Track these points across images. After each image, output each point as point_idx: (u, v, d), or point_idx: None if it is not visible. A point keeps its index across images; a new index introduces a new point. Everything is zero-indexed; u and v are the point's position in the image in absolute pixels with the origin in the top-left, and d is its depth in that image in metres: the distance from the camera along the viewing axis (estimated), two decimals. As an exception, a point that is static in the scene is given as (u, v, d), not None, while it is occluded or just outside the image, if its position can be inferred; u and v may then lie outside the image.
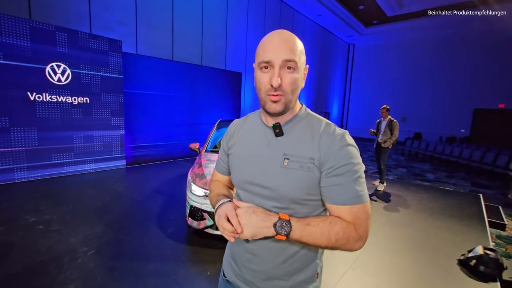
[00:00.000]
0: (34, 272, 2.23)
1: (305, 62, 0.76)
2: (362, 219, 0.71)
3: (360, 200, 0.71)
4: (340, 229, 0.69)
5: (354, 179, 0.71)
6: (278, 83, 0.70)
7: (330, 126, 0.77)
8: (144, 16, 6.86)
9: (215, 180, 1.02)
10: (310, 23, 14.03)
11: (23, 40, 4.49)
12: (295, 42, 0.73)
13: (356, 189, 0.71)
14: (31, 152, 4.79)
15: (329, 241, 0.69)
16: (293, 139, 0.77)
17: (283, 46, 0.70)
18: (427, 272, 2.53)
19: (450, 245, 3.09)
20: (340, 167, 0.71)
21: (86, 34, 5.27)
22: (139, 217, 3.44)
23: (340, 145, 0.72)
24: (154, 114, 6.99)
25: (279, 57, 0.69)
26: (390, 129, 5.16)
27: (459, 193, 5.45)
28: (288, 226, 0.69)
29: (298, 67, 0.72)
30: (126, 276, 2.25)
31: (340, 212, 0.72)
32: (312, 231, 0.69)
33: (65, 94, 5.08)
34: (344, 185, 0.71)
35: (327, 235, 0.69)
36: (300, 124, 0.79)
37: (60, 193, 4.19)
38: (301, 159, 0.73)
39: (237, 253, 0.87)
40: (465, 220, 3.92)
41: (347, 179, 0.71)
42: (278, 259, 0.79)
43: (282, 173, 0.75)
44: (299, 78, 0.74)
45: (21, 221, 3.16)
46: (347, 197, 0.71)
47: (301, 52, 0.73)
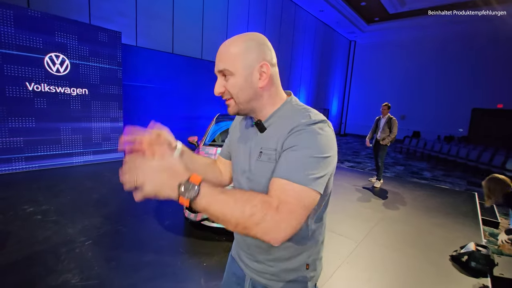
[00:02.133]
0: (32, 262, 2.26)
1: (255, 60, 0.73)
2: (292, 197, 0.61)
3: (296, 178, 0.62)
4: (259, 201, 0.59)
5: (297, 157, 0.65)
6: (217, 91, 0.77)
7: (305, 115, 0.73)
8: (144, 7, 6.79)
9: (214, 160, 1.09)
10: (311, 19, 13.94)
11: (21, 29, 4.44)
12: (230, 48, 0.73)
13: (295, 165, 0.64)
14: (29, 142, 4.78)
15: (242, 214, 0.57)
16: (270, 133, 0.78)
17: (218, 56, 0.75)
18: (420, 267, 2.58)
19: (443, 242, 3.14)
20: (290, 147, 0.67)
21: (85, 25, 5.22)
22: (137, 209, 3.46)
23: (299, 129, 0.69)
24: (153, 107, 6.97)
25: (216, 68, 0.76)
26: (388, 127, 5.18)
27: (454, 192, 5.50)
28: (195, 190, 0.56)
29: (234, 72, 0.73)
30: (124, 267, 2.27)
31: (271, 183, 0.65)
32: (224, 199, 0.58)
33: (64, 85, 5.05)
34: (285, 160, 0.66)
35: (241, 206, 0.58)
36: (281, 117, 0.78)
37: (58, 184, 4.19)
38: (269, 151, 0.75)
39: (240, 238, 0.92)
40: (460, 217, 3.97)
41: (290, 156, 0.66)
42: (261, 244, 0.82)
43: (257, 166, 0.79)
44: (240, 81, 0.73)
45: (18, 211, 3.18)
46: (283, 170, 0.65)
47: (236, 56, 0.72)
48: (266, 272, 0.85)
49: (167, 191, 0.57)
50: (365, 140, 5.72)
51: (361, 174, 6.57)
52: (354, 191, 4.98)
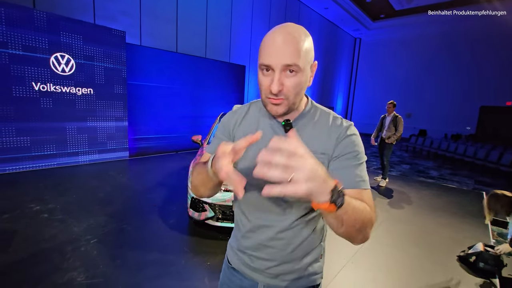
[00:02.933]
0: (38, 259, 2.28)
1: (313, 58, 0.72)
2: (371, 205, 0.69)
3: (366, 185, 0.72)
4: (367, 209, 0.64)
5: (358, 165, 0.72)
6: (278, 89, 0.66)
7: (337, 119, 0.79)
8: (148, 7, 6.81)
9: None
10: (316, 16, 13.83)
11: (27, 29, 4.49)
12: (299, 41, 0.66)
13: (361, 174, 0.72)
14: (35, 142, 4.84)
15: (363, 220, 0.61)
16: (302, 134, 0.76)
17: (285, 49, 0.64)
18: (426, 268, 2.54)
19: (450, 242, 3.09)
20: (347, 154, 0.73)
21: (90, 25, 5.25)
22: (141, 208, 3.48)
23: (347, 134, 0.75)
24: (158, 106, 7.00)
25: (280, 62, 0.64)
26: (394, 125, 5.12)
27: (462, 191, 5.42)
28: (343, 197, 0.54)
29: (302, 69, 0.67)
30: (128, 265, 2.29)
31: (356, 195, 0.67)
32: (356, 206, 0.59)
33: (69, 85, 5.09)
34: (351, 168, 0.72)
35: (362, 213, 0.61)
36: (308, 119, 0.79)
37: (64, 183, 4.24)
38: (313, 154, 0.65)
39: (248, 246, 0.86)
40: (467, 217, 3.91)
41: (352, 163, 0.72)
42: (287, 248, 0.81)
43: None
44: (303, 80, 0.69)
45: (25, 209, 3.22)
46: (355, 180, 0.71)
47: (307, 51, 0.67)
48: (281, 273, 0.82)
49: (320, 194, 0.50)
50: (370, 139, 5.66)
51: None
52: (359, 190, 4.93)
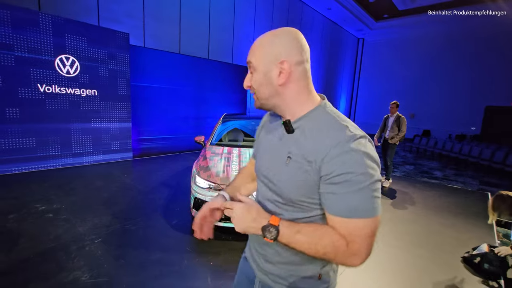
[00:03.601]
0: (44, 258, 2.31)
1: (276, 56, 0.72)
2: (357, 235, 0.63)
3: (358, 214, 0.63)
4: (329, 242, 0.65)
5: (354, 191, 0.62)
6: (245, 85, 0.80)
7: (342, 127, 0.69)
8: (151, 9, 6.86)
9: (243, 167, 1.12)
10: (319, 17, 13.82)
11: (33, 32, 4.55)
12: (257, 43, 0.76)
13: (352, 201, 0.63)
14: (41, 143, 4.90)
15: (316, 253, 0.66)
16: (300, 137, 0.74)
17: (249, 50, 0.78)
18: (431, 268, 2.53)
19: (454, 243, 3.07)
20: (338, 176, 0.63)
21: (94, 27, 5.31)
22: (145, 208, 3.51)
23: (343, 150, 0.64)
24: (161, 107, 7.04)
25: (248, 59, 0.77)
26: (397, 125, 5.10)
27: (466, 191, 5.37)
28: (275, 232, 0.67)
29: (256, 66, 0.75)
30: (132, 265, 2.31)
31: (334, 222, 0.67)
32: (300, 240, 0.67)
33: (74, 86, 5.15)
34: (341, 196, 0.64)
35: (314, 247, 0.66)
36: (311, 122, 0.74)
37: (69, 183, 4.28)
38: (301, 159, 0.71)
39: (253, 240, 0.93)
40: (471, 218, 3.88)
41: (343, 189, 0.63)
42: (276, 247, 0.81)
43: (284, 171, 0.75)
44: (260, 76, 0.75)
45: (31, 209, 3.26)
46: (340, 208, 0.65)
47: (260, 50, 0.74)
48: (275, 274, 0.83)
49: (252, 231, 0.71)
50: (373, 139, 5.64)
51: (369, 173, 6.48)
52: (362, 191, 4.91)
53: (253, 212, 0.71)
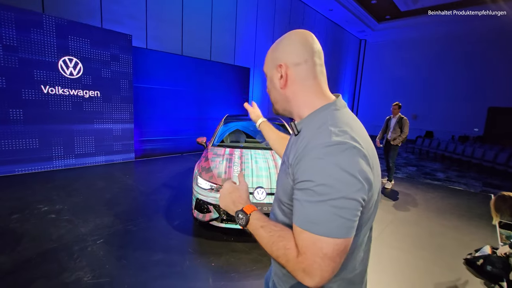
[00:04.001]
0: (46, 258, 2.32)
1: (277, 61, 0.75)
2: (308, 250, 0.56)
3: (313, 228, 0.56)
4: (282, 247, 0.62)
5: (313, 202, 0.56)
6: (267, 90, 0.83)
7: (326, 131, 0.62)
8: (154, 10, 6.90)
9: None
10: (321, 18, 13.83)
11: (36, 34, 4.59)
12: (269, 51, 0.79)
13: (309, 213, 0.57)
14: (44, 144, 4.93)
15: (271, 253, 0.65)
16: (298, 139, 0.72)
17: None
18: (433, 270, 2.51)
19: (457, 245, 3.05)
20: (302, 182, 0.60)
21: (97, 28, 5.35)
22: (147, 209, 3.52)
23: (312, 155, 0.59)
24: (163, 109, 7.07)
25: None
26: (400, 127, 5.09)
27: (469, 193, 5.34)
28: (244, 219, 0.73)
29: (266, 73, 0.80)
30: (134, 265, 2.31)
31: (294, 230, 0.62)
32: (261, 235, 0.68)
33: (77, 88, 5.19)
34: (300, 202, 0.60)
35: (270, 246, 0.65)
36: (308, 125, 0.71)
37: (71, 184, 4.31)
38: (286, 162, 0.73)
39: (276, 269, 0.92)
40: (474, 220, 3.85)
41: (304, 197, 0.59)
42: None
43: (278, 174, 0.82)
44: (268, 84, 0.81)
45: (34, 209, 3.28)
46: (298, 216, 0.60)
47: (267, 58, 0.79)
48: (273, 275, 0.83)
49: (230, 212, 0.79)
50: (375, 141, 5.63)
51: (371, 174, 6.46)
52: (364, 192, 4.90)
53: (235, 194, 0.80)
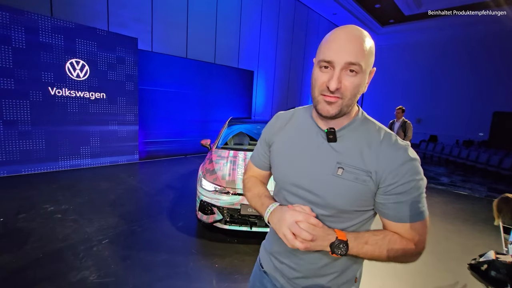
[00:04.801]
0: (53, 258, 2.36)
1: (373, 63, 0.69)
2: (422, 235, 0.69)
3: (421, 216, 0.68)
4: (399, 248, 0.67)
5: (416, 196, 0.67)
6: (336, 87, 0.64)
7: (391, 137, 0.70)
8: (159, 14, 6.99)
9: (252, 176, 0.97)
10: (324, 22, 13.88)
11: (45, 37, 4.68)
12: (364, 41, 0.64)
13: (418, 206, 0.67)
14: (50, 144, 5.00)
15: (386, 259, 0.68)
16: (348, 147, 0.71)
17: (349, 46, 0.63)
18: (437, 275, 2.50)
19: (461, 249, 3.04)
20: (402, 185, 0.66)
21: (103, 32, 5.43)
22: (151, 210, 3.55)
23: (403, 159, 0.66)
24: (167, 111, 7.13)
25: (342, 59, 0.63)
26: (403, 131, 5.08)
27: (474, 198, 5.30)
28: (345, 247, 0.66)
29: (362, 70, 0.65)
30: (138, 266, 2.34)
31: (399, 229, 0.69)
32: (369, 250, 0.68)
33: (83, 90, 5.26)
34: (405, 203, 0.67)
35: (385, 253, 0.67)
36: (356, 131, 0.72)
37: (77, 185, 4.36)
38: (357, 170, 0.69)
39: (278, 250, 0.86)
40: (479, 225, 3.83)
41: (409, 197, 0.66)
42: (319, 262, 0.78)
43: (334, 182, 0.70)
44: (362, 82, 0.67)
45: (40, 209, 3.33)
46: (408, 214, 0.67)
47: (369, 53, 0.66)
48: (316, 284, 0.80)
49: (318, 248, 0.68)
50: None
51: (375, 178, 6.44)
52: (367, 196, 4.89)
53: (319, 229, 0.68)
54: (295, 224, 0.66)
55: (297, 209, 0.70)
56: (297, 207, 0.70)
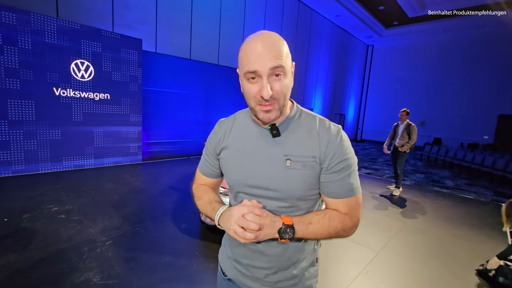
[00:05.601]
0: (57, 259, 2.35)
1: (291, 59, 0.73)
2: (356, 209, 0.77)
3: (354, 192, 0.76)
4: (338, 223, 0.74)
5: (349, 174, 0.75)
6: (269, 94, 0.66)
7: (325, 122, 0.79)
8: (164, 15, 7.02)
9: (201, 185, 0.97)
10: (328, 24, 13.87)
11: (50, 37, 4.71)
12: (279, 44, 0.67)
13: (351, 182, 0.75)
14: (54, 145, 5.02)
15: (328, 235, 0.75)
16: (291, 138, 0.77)
17: (268, 52, 0.65)
18: (442, 281, 2.46)
19: (467, 255, 2.99)
20: (338, 163, 0.74)
21: (108, 33, 5.46)
22: (154, 212, 3.54)
23: (337, 141, 0.75)
24: (171, 112, 7.14)
25: (266, 66, 0.65)
26: (408, 133, 5.04)
27: (480, 202, 5.24)
28: (291, 231, 0.71)
29: (286, 70, 0.68)
30: (142, 267, 2.33)
31: (338, 205, 0.77)
32: (314, 229, 0.74)
33: (88, 90, 5.29)
34: (341, 181, 0.75)
35: (327, 230, 0.74)
36: (295, 123, 0.79)
37: (80, 185, 4.37)
38: (303, 158, 0.75)
39: (242, 254, 0.85)
40: (485, 229, 3.78)
41: (343, 174, 0.75)
42: (285, 253, 0.81)
43: (286, 174, 0.75)
44: (289, 81, 0.70)
45: (44, 209, 3.33)
46: (344, 190, 0.75)
47: (287, 52, 0.69)
48: (290, 279, 0.82)
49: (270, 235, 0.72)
50: (383, 147, 5.59)
51: (378, 181, 6.41)
52: (371, 199, 4.86)
53: (266, 218, 0.72)
54: (242, 217, 0.70)
55: (244, 203, 0.75)
56: (244, 202, 0.75)
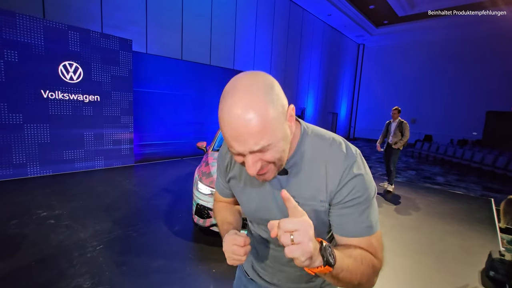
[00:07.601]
0: (46, 265, 2.30)
1: (286, 106, 0.59)
2: (380, 249, 0.65)
3: (374, 229, 0.65)
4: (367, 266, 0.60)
5: (367, 208, 0.65)
6: (255, 172, 0.58)
7: (337, 150, 0.67)
8: (154, 15, 6.94)
9: (219, 202, 0.97)
10: (319, 23, 13.94)
11: (37, 39, 4.60)
12: (262, 115, 0.53)
13: (370, 219, 0.65)
14: (44, 148, 4.91)
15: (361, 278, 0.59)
16: (298, 177, 0.69)
17: (247, 136, 0.53)
18: (434, 276, 2.50)
19: (458, 250, 3.04)
20: (353, 199, 0.64)
21: (97, 34, 5.37)
22: (147, 214, 3.49)
23: (349, 178, 0.64)
24: (163, 113, 7.07)
25: (247, 149, 0.55)
26: (400, 131, 5.12)
27: (469, 197, 5.34)
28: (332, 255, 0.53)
29: (275, 142, 0.56)
30: (134, 272, 2.29)
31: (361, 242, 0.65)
32: (351, 265, 0.57)
33: (77, 92, 5.19)
34: (358, 216, 0.65)
35: (361, 271, 0.59)
36: (301, 158, 0.69)
37: (71, 189, 4.28)
38: (311, 201, 0.68)
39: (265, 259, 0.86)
40: (475, 224, 3.85)
41: (359, 209, 0.65)
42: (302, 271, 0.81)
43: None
44: (282, 144, 0.58)
45: (33, 215, 3.25)
46: (361, 227, 0.65)
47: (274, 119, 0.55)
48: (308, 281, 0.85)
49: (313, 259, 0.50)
50: (376, 145, 5.65)
51: (371, 179, 6.45)
52: (364, 197, 4.89)
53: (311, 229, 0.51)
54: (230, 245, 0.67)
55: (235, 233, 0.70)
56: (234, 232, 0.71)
